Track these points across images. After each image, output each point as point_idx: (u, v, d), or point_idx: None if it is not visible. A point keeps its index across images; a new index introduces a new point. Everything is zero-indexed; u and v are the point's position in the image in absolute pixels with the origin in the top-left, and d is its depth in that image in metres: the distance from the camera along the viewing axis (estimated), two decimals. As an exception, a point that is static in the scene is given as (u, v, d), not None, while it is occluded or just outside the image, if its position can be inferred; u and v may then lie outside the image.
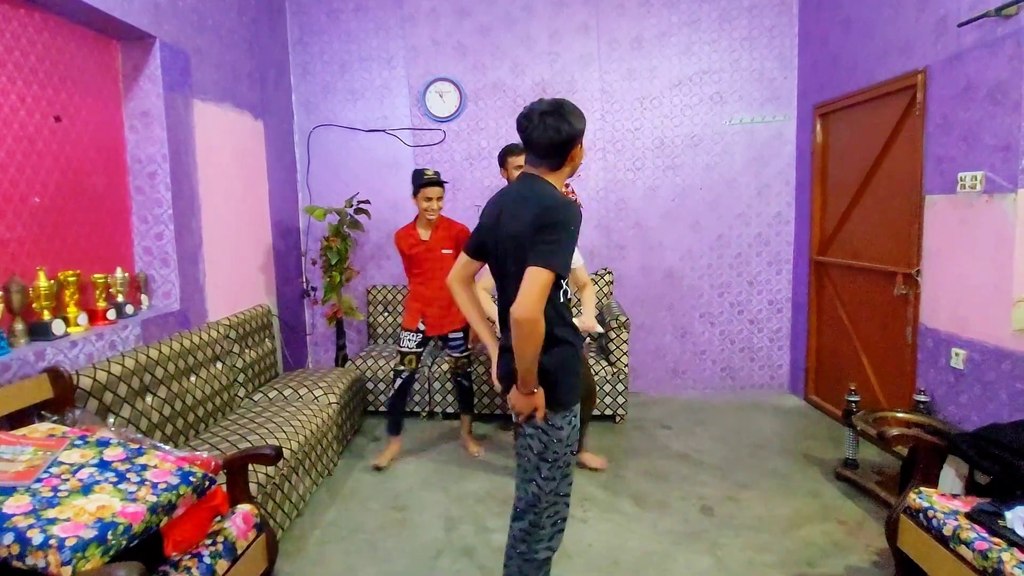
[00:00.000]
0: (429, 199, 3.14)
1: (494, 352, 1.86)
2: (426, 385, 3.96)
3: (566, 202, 1.63)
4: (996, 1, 2.45)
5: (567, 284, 1.75)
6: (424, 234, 3.24)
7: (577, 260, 2.77)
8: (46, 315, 2.24)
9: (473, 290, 1.95)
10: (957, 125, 2.73)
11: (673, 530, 2.62)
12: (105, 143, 2.74)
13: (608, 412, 3.83)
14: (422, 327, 3.28)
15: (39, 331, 2.22)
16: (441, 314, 3.28)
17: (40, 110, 2.38)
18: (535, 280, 1.54)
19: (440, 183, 3.17)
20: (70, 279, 2.38)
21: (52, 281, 2.28)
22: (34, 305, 2.23)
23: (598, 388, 3.79)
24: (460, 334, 3.36)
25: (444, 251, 3.23)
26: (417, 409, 4.01)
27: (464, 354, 3.40)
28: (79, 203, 2.58)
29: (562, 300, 1.71)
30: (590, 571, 2.30)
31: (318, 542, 2.57)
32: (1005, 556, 1.62)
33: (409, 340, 3.28)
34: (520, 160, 3.13)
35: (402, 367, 3.30)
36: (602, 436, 3.65)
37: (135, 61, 2.83)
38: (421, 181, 3.13)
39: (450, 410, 3.93)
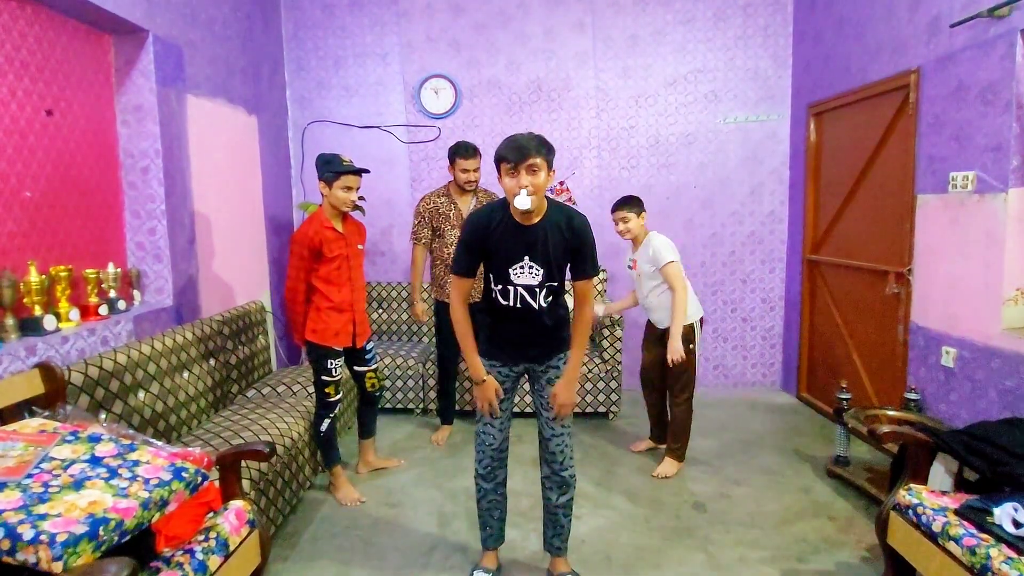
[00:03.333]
0: (349, 188, 2.67)
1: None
2: (420, 382, 3.96)
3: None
4: (988, 2, 2.47)
5: (497, 287, 2.03)
6: (339, 226, 2.76)
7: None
8: (37, 310, 2.23)
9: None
10: (949, 125, 2.75)
11: (665, 526, 2.63)
12: (97, 137, 2.73)
13: (601, 409, 3.85)
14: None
15: (30, 326, 2.20)
16: (364, 320, 2.91)
17: (31, 103, 2.36)
18: None
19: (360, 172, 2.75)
20: (62, 274, 2.37)
21: (43, 276, 2.27)
22: (25, 300, 2.21)
23: (590, 385, 3.80)
24: (372, 344, 2.99)
25: (359, 246, 2.87)
26: (411, 406, 4.01)
27: (376, 364, 3.02)
28: (71, 198, 2.56)
29: (493, 293, 2.05)
30: (582, 566, 2.31)
31: (311, 538, 2.57)
32: (993, 552, 1.64)
33: (337, 365, 2.79)
34: (465, 164, 3.34)
35: (337, 397, 2.83)
36: (596, 433, 3.67)
37: (128, 55, 2.81)
38: (340, 168, 2.65)
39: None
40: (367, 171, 2.80)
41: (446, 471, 3.18)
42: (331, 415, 2.84)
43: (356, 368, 2.97)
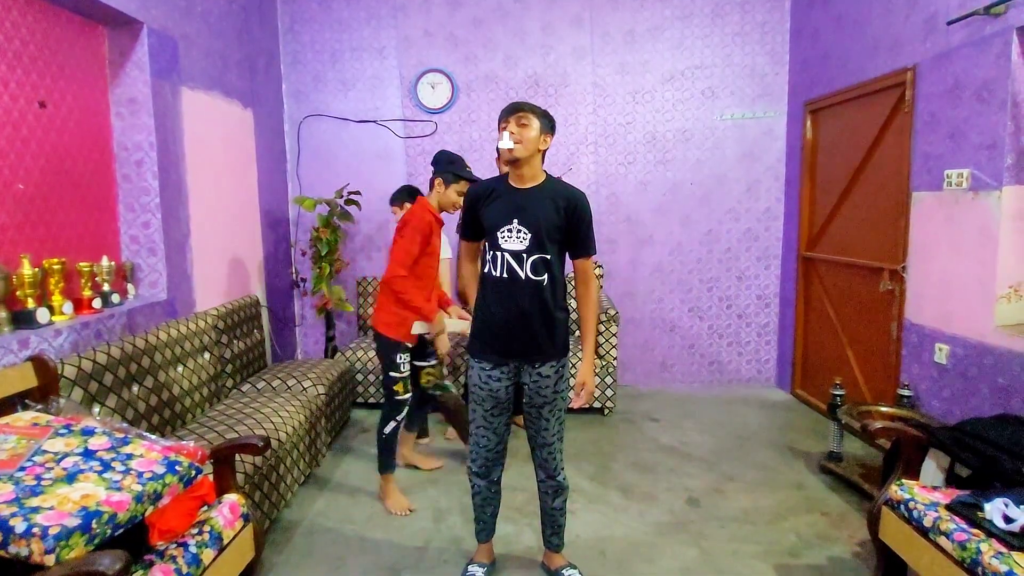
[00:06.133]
0: (461, 193, 2.73)
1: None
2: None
3: None
4: (985, -1, 2.48)
5: (489, 255, 2.06)
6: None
7: None
8: (30, 303, 2.22)
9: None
10: (944, 123, 2.76)
11: (659, 521, 2.64)
12: (91, 130, 2.71)
13: (597, 405, 3.85)
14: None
15: (23, 319, 2.19)
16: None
17: (24, 95, 2.35)
18: None
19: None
20: (55, 267, 2.35)
21: (37, 269, 2.25)
22: (18, 293, 2.20)
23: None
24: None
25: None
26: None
27: (434, 360, 2.96)
28: (64, 190, 2.55)
29: (487, 266, 2.07)
30: (577, 561, 2.32)
31: (305, 532, 2.57)
32: (983, 547, 1.65)
33: (405, 360, 2.71)
34: None
35: (406, 395, 2.73)
36: (591, 429, 3.67)
37: (122, 47, 2.79)
38: (464, 174, 2.75)
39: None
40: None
41: (442, 466, 3.18)
42: (398, 417, 2.72)
43: (414, 363, 2.88)
